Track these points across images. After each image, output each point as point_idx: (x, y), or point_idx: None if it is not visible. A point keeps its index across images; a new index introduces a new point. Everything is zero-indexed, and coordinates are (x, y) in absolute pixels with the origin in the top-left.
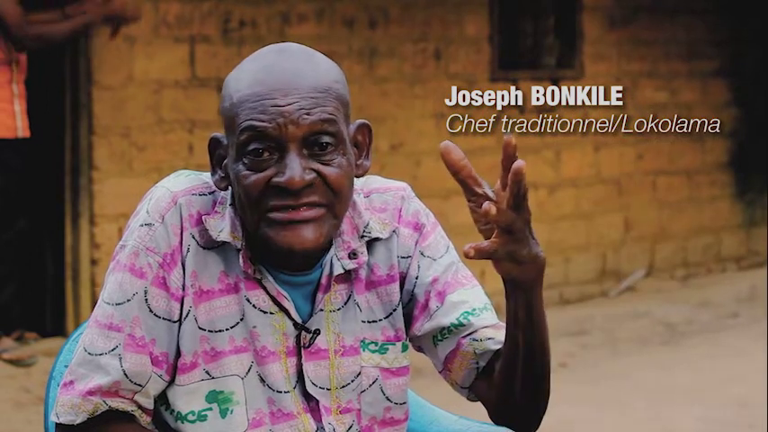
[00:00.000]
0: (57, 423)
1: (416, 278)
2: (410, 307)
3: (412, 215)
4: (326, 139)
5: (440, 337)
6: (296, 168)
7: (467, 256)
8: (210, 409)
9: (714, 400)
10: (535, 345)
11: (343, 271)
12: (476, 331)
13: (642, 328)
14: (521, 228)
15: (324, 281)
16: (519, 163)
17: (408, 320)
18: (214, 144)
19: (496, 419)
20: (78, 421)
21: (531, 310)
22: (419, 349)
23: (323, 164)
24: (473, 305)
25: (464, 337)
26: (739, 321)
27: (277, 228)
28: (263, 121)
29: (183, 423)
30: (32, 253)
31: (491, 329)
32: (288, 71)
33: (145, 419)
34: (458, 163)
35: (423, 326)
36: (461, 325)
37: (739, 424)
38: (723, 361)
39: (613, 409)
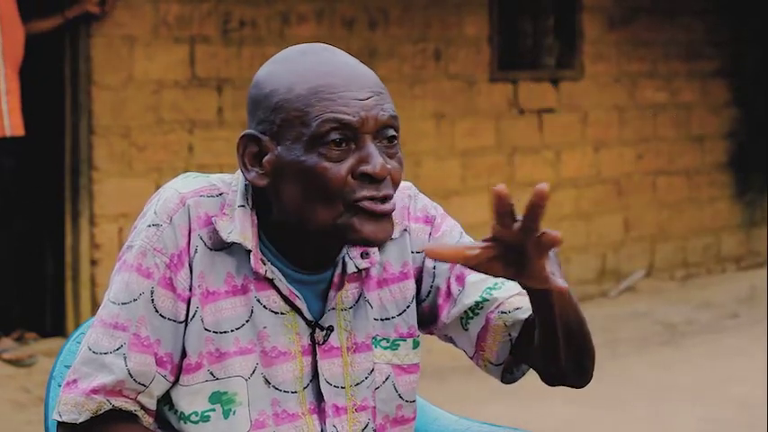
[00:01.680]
0: (59, 422)
1: (434, 268)
2: (433, 298)
3: (420, 210)
4: (393, 132)
5: (467, 318)
6: (382, 158)
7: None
8: (213, 409)
9: (714, 399)
10: (572, 325)
11: (356, 270)
12: (502, 303)
13: (642, 328)
14: (538, 254)
15: (336, 279)
16: (541, 186)
17: (434, 312)
18: (245, 142)
19: (546, 381)
20: (81, 420)
21: (556, 308)
22: (449, 339)
23: (389, 156)
24: (494, 279)
25: (492, 312)
26: (739, 321)
27: (363, 218)
28: (347, 114)
29: (185, 423)
30: (32, 253)
31: (517, 298)
32: (351, 66)
33: (147, 420)
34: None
35: (449, 313)
36: (486, 300)
37: (739, 424)
38: (723, 361)
39: (614, 409)
